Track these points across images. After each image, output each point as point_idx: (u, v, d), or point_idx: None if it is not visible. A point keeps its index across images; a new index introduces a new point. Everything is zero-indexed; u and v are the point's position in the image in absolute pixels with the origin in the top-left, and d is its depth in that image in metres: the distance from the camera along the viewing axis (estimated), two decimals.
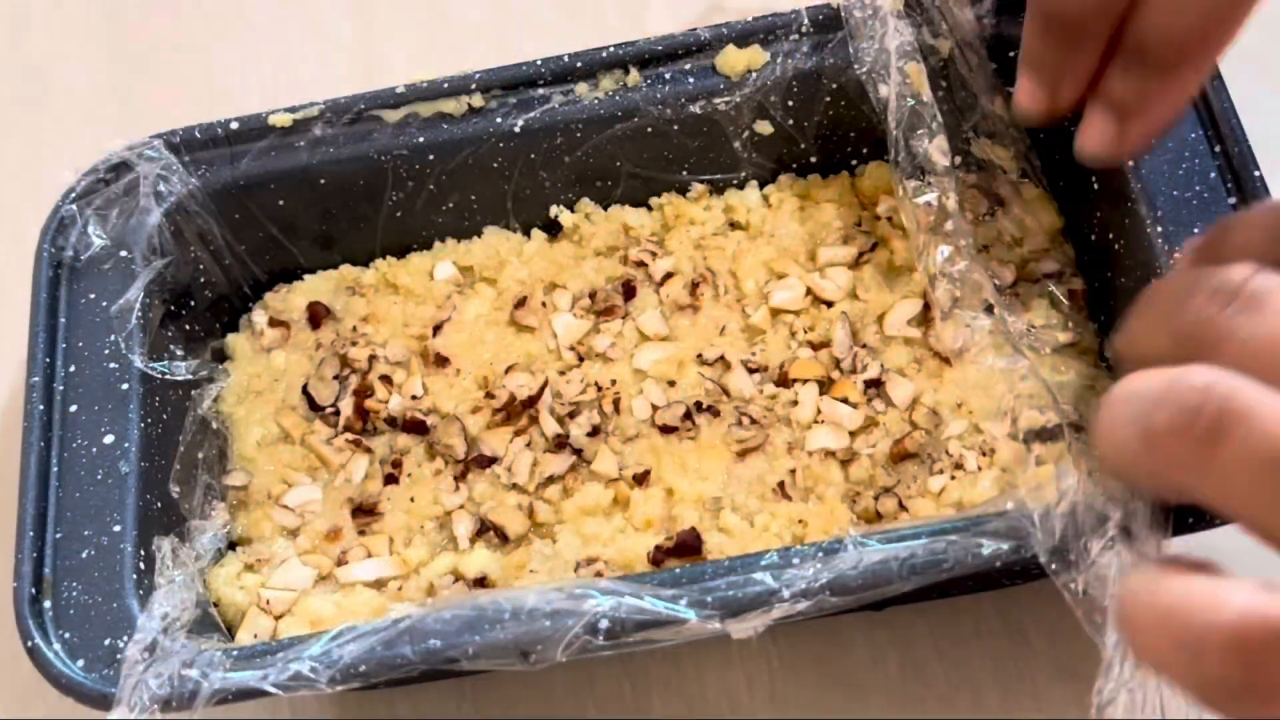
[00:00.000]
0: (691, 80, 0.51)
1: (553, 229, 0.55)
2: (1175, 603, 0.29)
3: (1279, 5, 0.53)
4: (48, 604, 0.43)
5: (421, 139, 0.51)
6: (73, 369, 0.47)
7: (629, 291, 0.53)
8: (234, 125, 0.51)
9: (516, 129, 0.51)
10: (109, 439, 0.46)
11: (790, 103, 0.51)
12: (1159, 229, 0.45)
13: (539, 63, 0.51)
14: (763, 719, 0.50)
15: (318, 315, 0.53)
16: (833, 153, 0.54)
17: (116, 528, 0.45)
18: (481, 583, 0.47)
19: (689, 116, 0.52)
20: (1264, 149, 0.45)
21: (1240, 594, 0.28)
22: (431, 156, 0.52)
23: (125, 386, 0.47)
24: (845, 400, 0.49)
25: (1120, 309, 0.48)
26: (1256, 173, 0.45)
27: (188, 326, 0.52)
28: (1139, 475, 0.32)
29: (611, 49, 0.51)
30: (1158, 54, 0.41)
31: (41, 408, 0.46)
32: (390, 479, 0.50)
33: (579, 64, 0.51)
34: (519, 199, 0.54)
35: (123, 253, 0.50)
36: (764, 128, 0.52)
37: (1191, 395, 0.29)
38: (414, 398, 0.51)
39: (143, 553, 0.45)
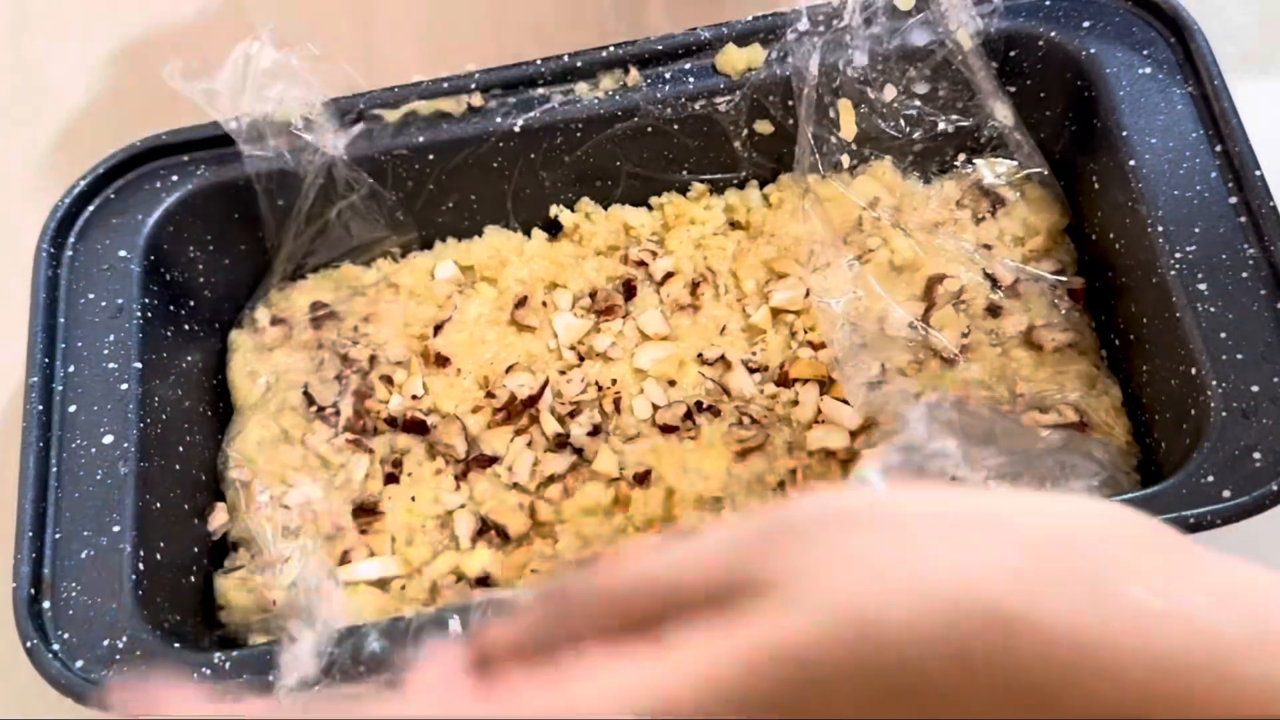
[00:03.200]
0: (691, 80, 0.51)
1: (553, 229, 0.55)
2: None
3: (1279, 5, 0.53)
4: (47, 604, 0.43)
5: (421, 139, 0.51)
6: (73, 369, 0.47)
7: (629, 291, 0.53)
8: (233, 125, 0.51)
9: (516, 129, 0.51)
10: (109, 439, 0.46)
11: (790, 102, 0.51)
12: (1159, 229, 0.45)
13: (539, 63, 0.51)
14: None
15: (319, 315, 0.53)
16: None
17: (116, 528, 0.44)
18: (484, 582, 0.47)
19: (689, 116, 0.52)
20: (1264, 149, 0.45)
21: None
22: (431, 156, 0.52)
23: (125, 386, 0.47)
24: (845, 400, 0.49)
25: (1121, 309, 0.49)
26: (1257, 173, 0.45)
27: (188, 326, 0.52)
28: None
29: (611, 49, 0.51)
30: None
31: (41, 408, 0.46)
32: (391, 478, 0.50)
33: (579, 64, 0.51)
34: (519, 199, 0.54)
35: (122, 253, 0.50)
36: (764, 127, 0.52)
37: None
38: (414, 397, 0.51)
39: (142, 553, 0.45)
